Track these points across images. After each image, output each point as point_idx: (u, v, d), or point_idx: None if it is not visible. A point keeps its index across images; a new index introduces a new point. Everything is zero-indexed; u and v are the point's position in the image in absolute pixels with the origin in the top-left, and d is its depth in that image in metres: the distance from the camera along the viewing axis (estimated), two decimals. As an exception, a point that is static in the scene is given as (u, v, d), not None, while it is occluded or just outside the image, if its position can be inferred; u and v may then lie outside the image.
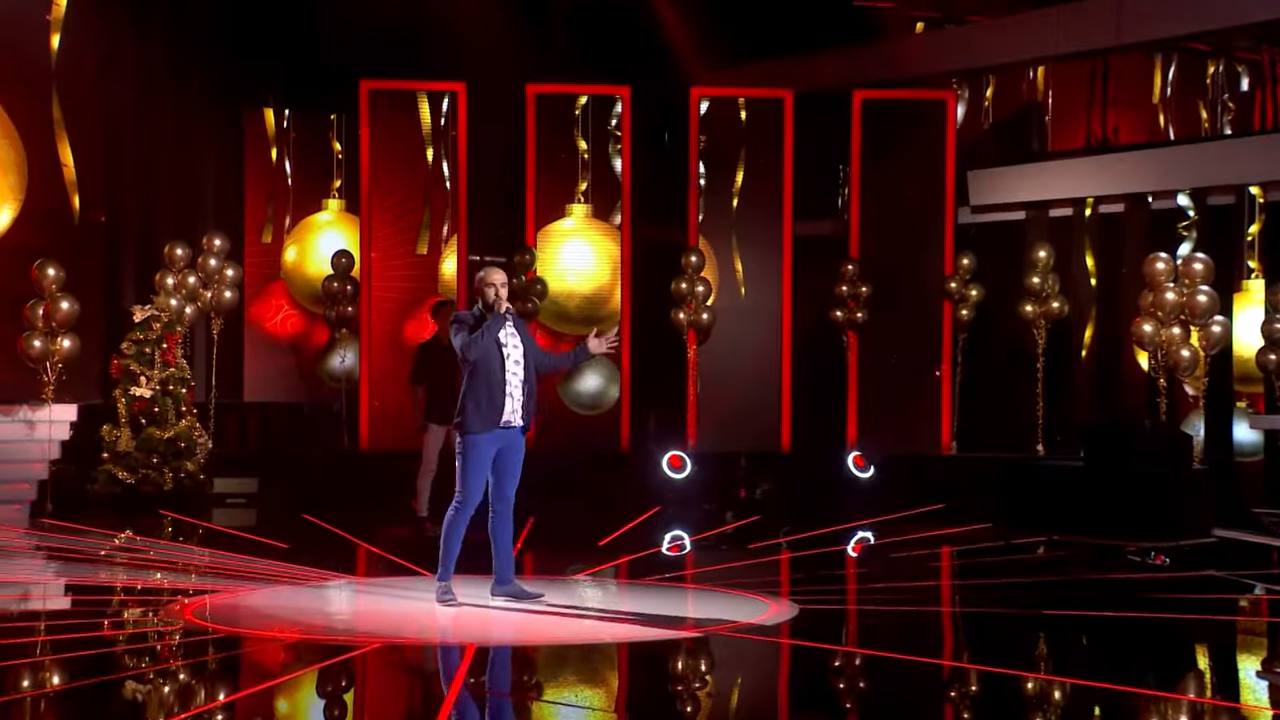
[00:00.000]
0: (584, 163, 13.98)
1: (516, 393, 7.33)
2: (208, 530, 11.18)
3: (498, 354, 7.25)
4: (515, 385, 7.33)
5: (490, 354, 7.25)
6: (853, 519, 11.73)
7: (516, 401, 7.33)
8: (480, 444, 7.27)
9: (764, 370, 14.03)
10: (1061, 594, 8.42)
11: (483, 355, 7.23)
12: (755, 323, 14.14)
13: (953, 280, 13.95)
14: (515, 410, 7.35)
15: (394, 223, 14.10)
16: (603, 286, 14.02)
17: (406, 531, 10.65)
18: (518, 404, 7.35)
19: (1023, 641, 7.16)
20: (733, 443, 13.53)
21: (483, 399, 7.27)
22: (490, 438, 7.26)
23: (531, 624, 7.19)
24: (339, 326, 14.09)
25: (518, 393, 7.34)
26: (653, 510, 12.06)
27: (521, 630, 7.11)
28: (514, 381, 7.32)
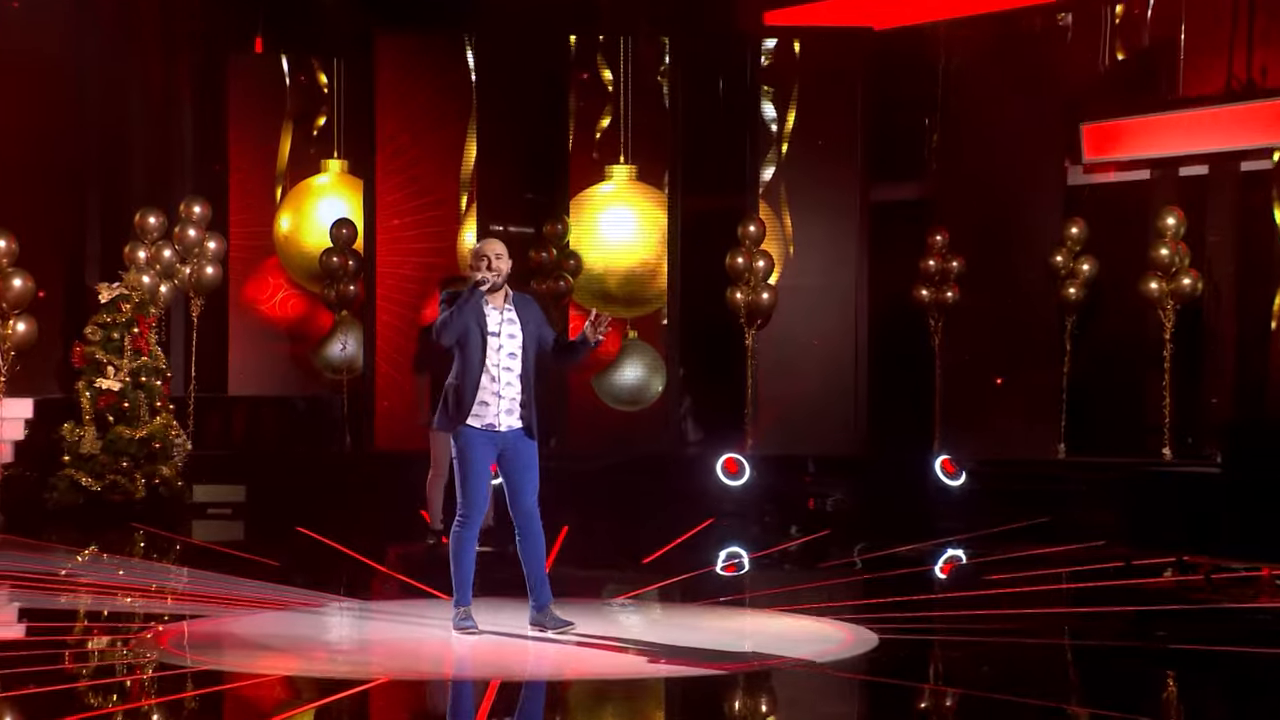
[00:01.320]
0: (617, 104, 14.06)
1: (509, 390, 7.26)
2: (186, 546, 11.26)
3: (479, 341, 7.22)
4: (508, 380, 7.26)
5: (471, 340, 7.21)
6: (941, 534, 11.79)
7: (508, 400, 7.26)
8: (472, 443, 7.26)
9: (835, 359, 14.09)
10: (1193, 626, 8.43)
11: (465, 341, 7.20)
12: (825, 303, 14.17)
13: (1061, 252, 13.84)
14: (506, 411, 7.27)
15: (404, 186, 14.21)
16: (648, 261, 14.10)
17: (418, 547, 10.75)
18: (510, 403, 7.27)
19: (1146, 683, 7.15)
20: (799, 444, 13.64)
21: (450, 393, 7.28)
22: (482, 437, 7.25)
23: (564, 656, 7.21)
24: (339, 308, 14.20)
25: (510, 390, 7.27)
26: (705, 523, 12.14)
27: (552, 663, 7.14)
28: (504, 376, 7.25)
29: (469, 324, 7.20)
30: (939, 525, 12.10)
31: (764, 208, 14.24)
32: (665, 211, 14.11)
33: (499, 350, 7.23)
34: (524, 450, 7.33)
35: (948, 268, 14.06)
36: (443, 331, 7.21)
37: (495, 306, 7.28)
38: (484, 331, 7.21)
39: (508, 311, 7.30)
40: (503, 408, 7.25)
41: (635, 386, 14.12)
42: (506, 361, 7.26)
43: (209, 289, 13.79)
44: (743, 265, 13.68)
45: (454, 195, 14.26)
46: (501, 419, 7.25)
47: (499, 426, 7.23)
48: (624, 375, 14.11)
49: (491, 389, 7.22)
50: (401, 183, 14.22)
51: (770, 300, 13.76)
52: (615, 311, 13.90)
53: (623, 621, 8.36)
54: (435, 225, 14.25)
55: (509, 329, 7.27)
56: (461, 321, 7.18)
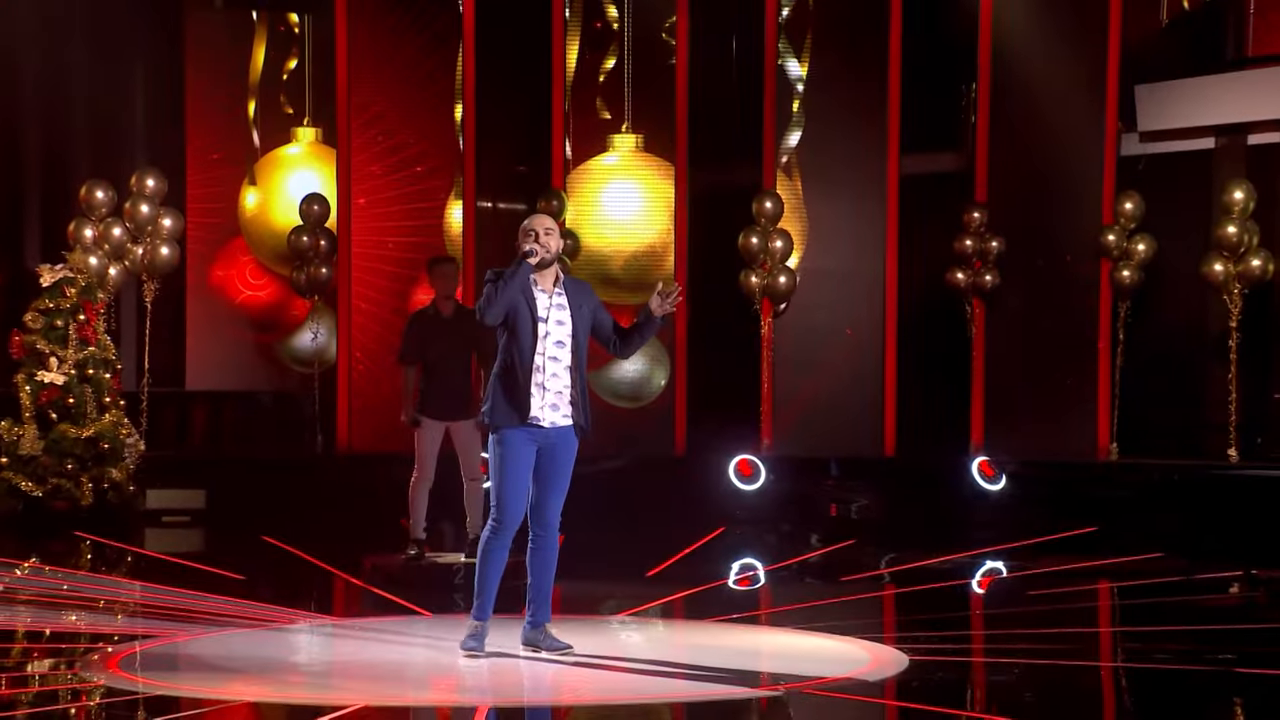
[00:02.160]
0: (620, 65, 14.13)
1: (555, 383, 7.34)
2: (139, 558, 11.26)
3: (530, 326, 7.31)
4: (554, 372, 7.34)
5: (522, 325, 7.31)
6: (978, 544, 11.80)
7: (554, 394, 7.34)
8: (512, 442, 7.32)
9: (861, 350, 14.13)
10: (1262, 648, 8.38)
11: (515, 326, 7.29)
12: (850, 288, 14.23)
13: (1112, 231, 13.80)
14: (550, 405, 7.35)
15: (385, 157, 14.28)
16: (656, 242, 14.15)
17: (397, 559, 10.74)
18: (556, 397, 7.35)
19: (1208, 712, 7.15)
20: (820, 444, 13.69)
21: (499, 386, 7.35)
22: (523, 434, 7.31)
23: (561, 677, 7.24)
24: (310, 293, 14.22)
25: (557, 383, 7.35)
26: (716, 531, 12.19)
27: (547, 686, 7.19)
28: (550, 367, 7.33)
29: (518, 303, 7.28)
30: (976, 534, 12.13)
31: (782, 181, 14.27)
32: (673, 185, 14.14)
33: (545, 338, 7.30)
34: (563, 453, 7.41)
35: (986, 248, 14.02)
36: (487, 307, 7.26)
37: (544, 289, 7.36)
38: (534, 315, 7.30)
39: (557, 296, 7.37)
40: (548, 401, 7.33)
41: (636, 381, 14.16)
42: (553, 350, 7.34)
43: (164, 271, 13.73)
44: (758, 246, 13.69)
45: (441, 166, 14.29)
46: (546, 414, 7.33)
47: (542, 422, 7.31)
48: (624, 369, 14.13)
49: (536, 380, 7.30)
50: (379, 153, 14.30)
51: (788, 284, 13.76)
52: (619, 297, 13.96)
53: (624, 641, 8.39)
54: (419, 200, 14.31)
55: (558, 314, 7.34)
56: (509, 295, 7.23)
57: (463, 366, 10.30)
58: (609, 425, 13.82)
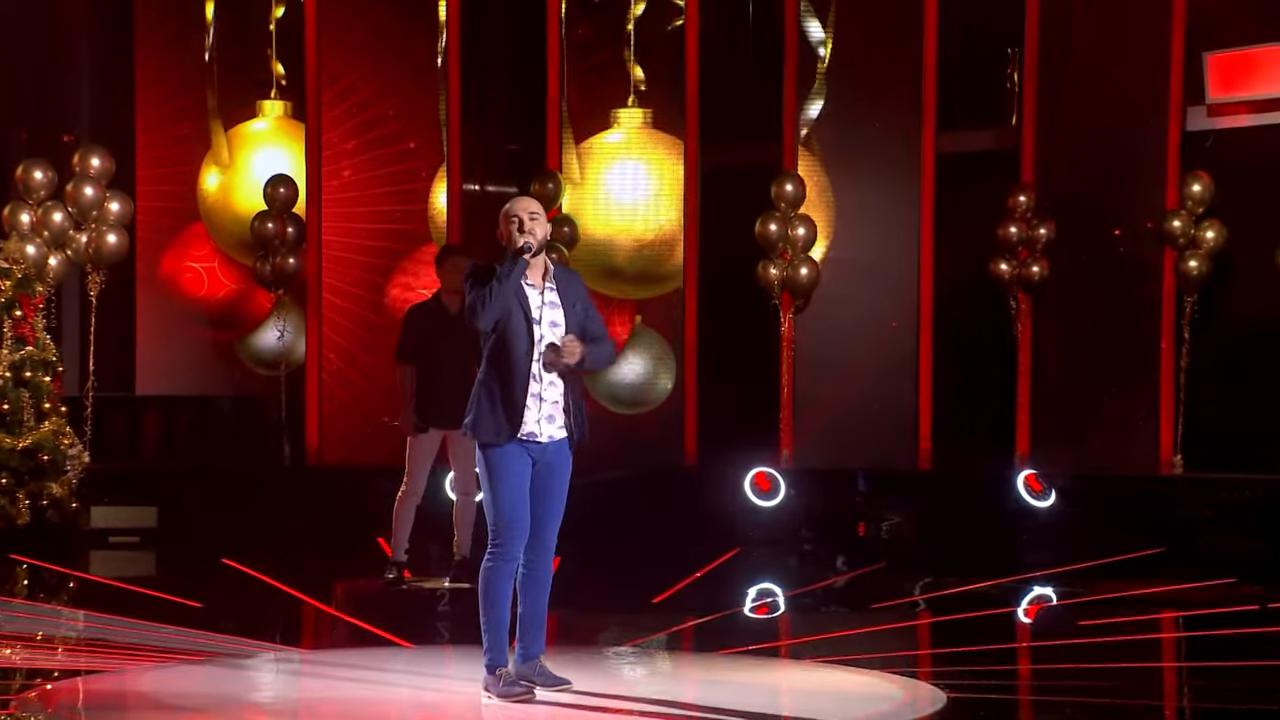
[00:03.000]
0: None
1: (551, 391, 7.33)
2: (82, 583, 11.26)
3: (524, 327, 7.29)
4: (550, 380, 7.32)
5: (515, 328, 7.29)
6: (1025, 568, 11.79)
7: (550, 404, 7.33)
8: (504, 458, 7.32)
9: (893, 349, 14.12)
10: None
11: (506, 328, 7.28)
12: (880, 280, 14.22)
13: (1178, 216, 13.75)
14: (547, 417, 7.34)
15: (360, 133, 14.33)
16: (665, 229, 14.17)
17: (374, 584, 10.72)
18: (553, 408, 7.34)
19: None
20: (846, 455, 13.70)
21: (496, 394, 7.32)
22: (519, 449, 7.31)
23: (557, 718, 7.21)
24: (275, 286, 14.23)
25: (554, 391, 7.33)
26: (730, 553, 12.21)
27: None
28: (544, 375, 7.31)
29: (511, 304, 7.25)
30: (1022, 557, 12.14)
31: (805, 161, 14.26)
32: (683, 166, 14.16)
33: (540, 341, 7.28)
34: (559, 469, 7.41)
35: (1034, 236, 13.99)
36: (479, 310, 7.22)
37: (533, 283, 7.34)
38: (528, 315, 7.28)
39: (549, 292, 7.36)
40: (544, 413, 7.30)
41: (639, 384, 14.19)
42: (548, 355, 7.29)
43: (111, 261, 13.73)
44: (777, 233, 13.70)
45: (425, 144, 14.37)
46: (542, 426, 7.31)
47: (539, 436, 7.30)
48: (625, 370, 14.17)
49: (532, 390, 7.28)
50: (354, 129, 14.36)
51: (811, 276, 13.77)
52: (623, 292, 14.10)
53: (627, 676, 8.37)
54: (400, 182, 14.38)
55: (551, 313, 7.33)
56: (505, 299, 7.21)
57: (465, 369, 10.21)
58: (609, 433, 13.87)
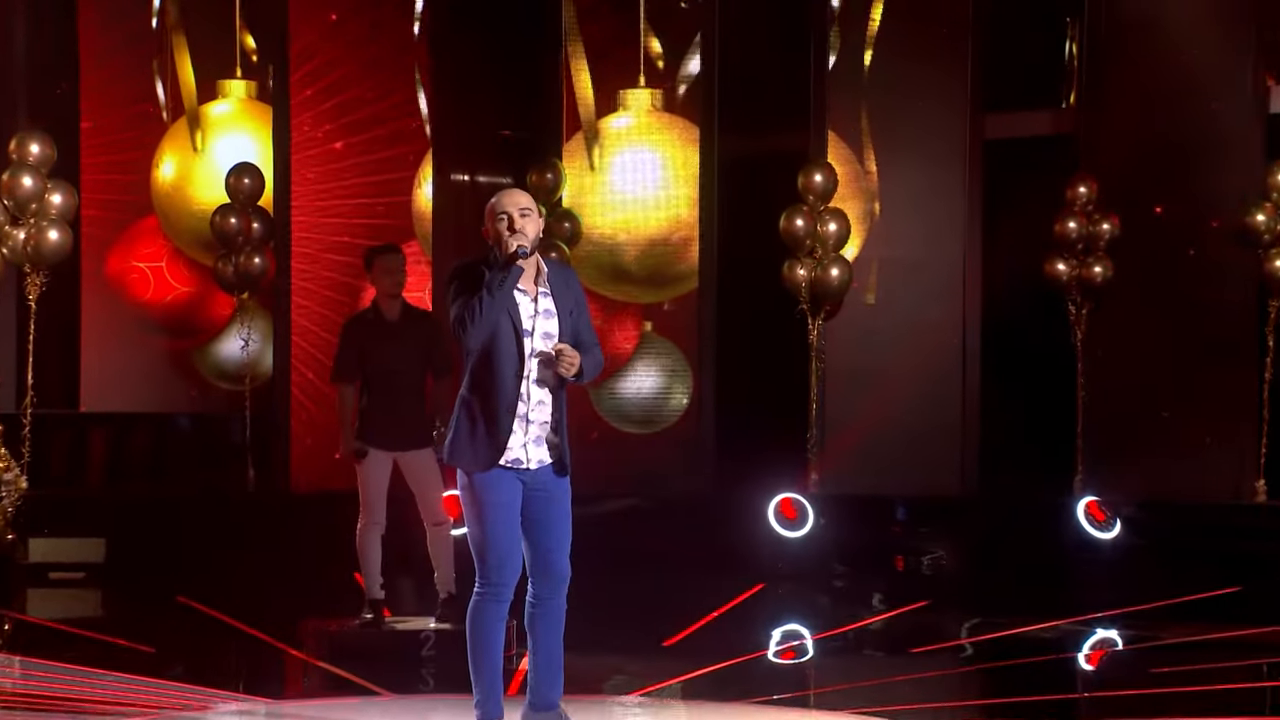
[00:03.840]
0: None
1: (541, 412, 7.28)
2: (20, 626, 11.31)
3: (513, 344, 7.23)
4: (540, 399, 7.28)
5: (503, 341, 7.22)
6: (1087, 608, 11.71)
7: (538, 426, 7.30)
8: (489, 484, 7.29)
9: (936, 361, 14.05)
10: None
11: (492, 343, 7.21)
12: (920, 282, 14.15)
13: (1261, 210, 13.61)
14: (535, 440, 7.30)
15: (335, 117, 14.32)
16: (679, 225, 14.16)
17: (349, 624, 10.66)
18: (541, 429, 7.31)
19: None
20: (883, 480, 13.76)
21: (478, 416, 7.27)
22: (507, 477, 7.29)
23: None
24: (239, 288, 14.14)
25: (543, 412, 7.30)
26: (753, 589, 12.26)
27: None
28: (536, 393, 7.26)
29: (500, 316, 7.19)
30: (1083, 595, 12.11)
31: (836, 147, 14.18)
32: (700, 154, 14.11)
33: (532, 355, 7.22)
34: (557, 494, 7.38)
35: (1095, 232, 13.85)
36: (467, 326, 7.15)
37: (524, 289, 7.28)
38: (517, 328, 7.21)
39: (543, 297, 7.28)
40: (531, 435, 7.27)
41: (650, 400, 14.15)
42: (539, 370, 7.24)
43: (52, 260, 13.57)
44: (805, 229, 13.61)
45: (409, 129, 14.38)
46: (529, 451, 7.27)
47: (526, 462, 7.26)
48: (635, 385, 14.14)
49: (520, 411, 7.23)
50: (328, 112, 14.36)
51: (843, 278, 13.67)
52: (631, 295, 14.07)
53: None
54: (381, 171, 14.42)
55: (544, 324, 7.28)
56: (496, 311, 7.14)
57: (413, 383, 10.31)
58: (617, 456, 14.02)
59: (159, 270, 15.28)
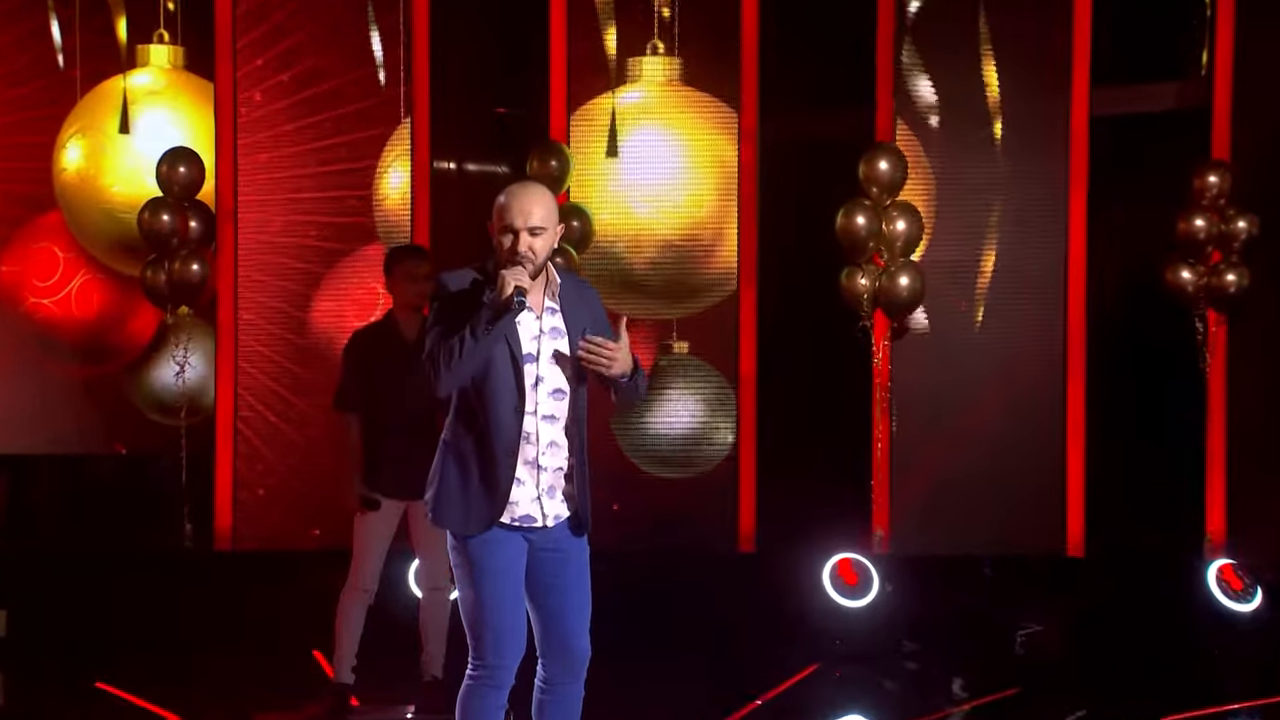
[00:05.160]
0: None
1: (553, 456, 7.31)
2: None
3: (510, 375, 7.26)
4: (551, 439, 7.30)
5: (498, 371, 7.24)
6: (1220, 697, 11.74)
7: (551, 474, 7.32)
8: (486, 547, 7.32)
9: (1028, 389, 13.80)
10: None
11: (487, 373, 7.22)
12: (1010, 293, 13.92)
13: None
14: (547, 490, 7.33)
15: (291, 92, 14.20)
16: (703, 222, 13.97)
17: (306, 712, 10.80)
18: (554, 477, 7.33)
19: None
20: (964, 537, 13.58)
21: (471, 466, 7.30)
22: (508, 538, 7.32)
23: None
24: (174, 302, 13.95)
25: (556, 456, 7.32)
26: (805, 672, 12.35)
27: None
28: (546, 432, 7.29)
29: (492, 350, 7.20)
30: (1216, 680, 12.23)
31: (903, 131, 13.96)
32: (733, 139, 13.90)
33: (538, 386, 7.24)
34: (574, 553, 7.45)
35: (1229, 231, 13.60)
36: (440, 369, 7.16)
37: (528, 302, 7.25)
38: (515, 353, 7.21)
39: (550, 315, 7.31)
40: (543, 484, 7.30)
41: (687, 437, 13.94)
42: (549, 404, 7.27)
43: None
44: (866, 230, 13.36)
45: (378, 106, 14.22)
46: (543, 505, 7.32)
47: (541, 519, 7.31)
48: (670, 418, 13.93)
49: (525, 456, 7.27)
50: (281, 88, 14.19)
51: (913, 288, 13.44)
52: (647, 309, 13.88)
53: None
54: (347, 159, 14.24)
55: (553, 344, 7.31)
56: (477, 360, 7.13)
57: (430, 417, 10.22)
58: (641, 504, 13.84)
59: (65, 279, 15.05)
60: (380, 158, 14.12)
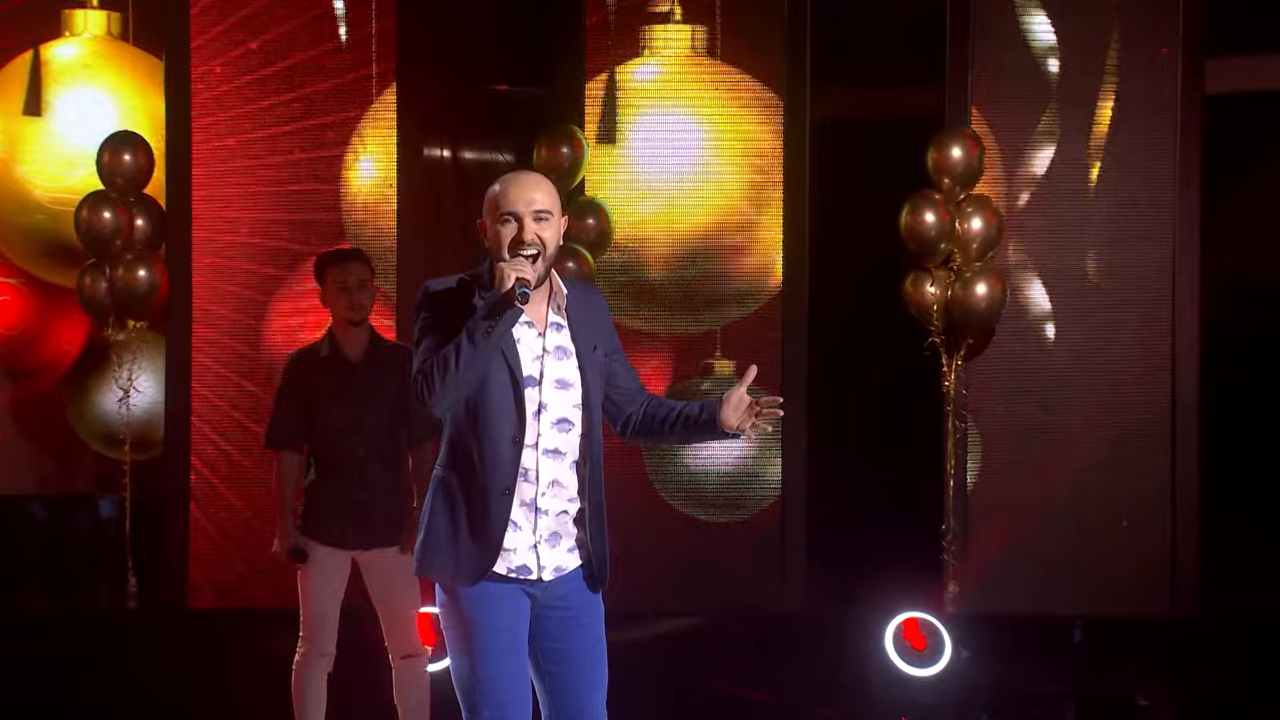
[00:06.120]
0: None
1: (555, 497, 7.29)
2: None
3: (508, 390, 7.25)
4: (554, 477, 7.29)
5: (493, 394, 7.23)
6: None
7: (554, 518, 7.31)
8: (480, 603, 7.31)
9: (1130, 417, 13.68)
10: None
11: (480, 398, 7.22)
12: (1108, 303, 13.79)
13: None
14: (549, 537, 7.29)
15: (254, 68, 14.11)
16: (728, 222, 13.89)
17: None
18: (558, 521, 7.32)
19: None
20: (1054, 593, 13.51)
21: (460, 504, 7.29)
22: (504, 593, 7.31)
23: None
24: (118, 315, 13.85)
25: (559, 497, 7.30)
26: None
27: None
28: (548, 468, 7.27)
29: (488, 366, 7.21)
30: None
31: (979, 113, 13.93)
32: (780, 118, 13.74)
33: (540, 414, 7.23)
34: (584, 613, 7.45)
35: None
36: (434, 385, 7.11)
37: (531, 319, 7.31)
38: (515, 374, 7.20)
39: (556, 330, 7.32)
40: (541, 530, 7.27)
41: (730, 474, 13.91)
42: (553, 437, 7.25)
43: None
44: (936, 228, 13.16)
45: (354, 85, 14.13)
46: (541, 554, 7.30)
47: (537, 571, 7.29)
48: (716, 453, 13.85)
49: (523, 496, 7.27)
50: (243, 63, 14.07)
51: (993, 297, 13.23)
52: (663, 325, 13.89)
53: None
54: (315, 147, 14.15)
55: (558, 368, 7.30)
56: (478, 369, 7.11)
57: (382, 452, 10.54)
58: (673, 552, 13.76)
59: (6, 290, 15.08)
60: (352, 143, 14.16)
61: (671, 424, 7.48)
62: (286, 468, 10.53)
